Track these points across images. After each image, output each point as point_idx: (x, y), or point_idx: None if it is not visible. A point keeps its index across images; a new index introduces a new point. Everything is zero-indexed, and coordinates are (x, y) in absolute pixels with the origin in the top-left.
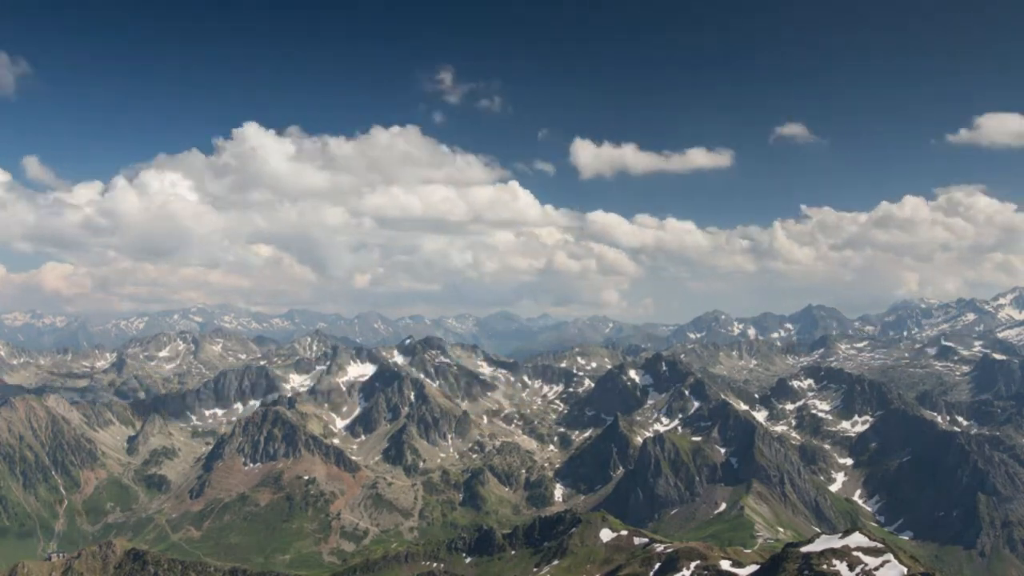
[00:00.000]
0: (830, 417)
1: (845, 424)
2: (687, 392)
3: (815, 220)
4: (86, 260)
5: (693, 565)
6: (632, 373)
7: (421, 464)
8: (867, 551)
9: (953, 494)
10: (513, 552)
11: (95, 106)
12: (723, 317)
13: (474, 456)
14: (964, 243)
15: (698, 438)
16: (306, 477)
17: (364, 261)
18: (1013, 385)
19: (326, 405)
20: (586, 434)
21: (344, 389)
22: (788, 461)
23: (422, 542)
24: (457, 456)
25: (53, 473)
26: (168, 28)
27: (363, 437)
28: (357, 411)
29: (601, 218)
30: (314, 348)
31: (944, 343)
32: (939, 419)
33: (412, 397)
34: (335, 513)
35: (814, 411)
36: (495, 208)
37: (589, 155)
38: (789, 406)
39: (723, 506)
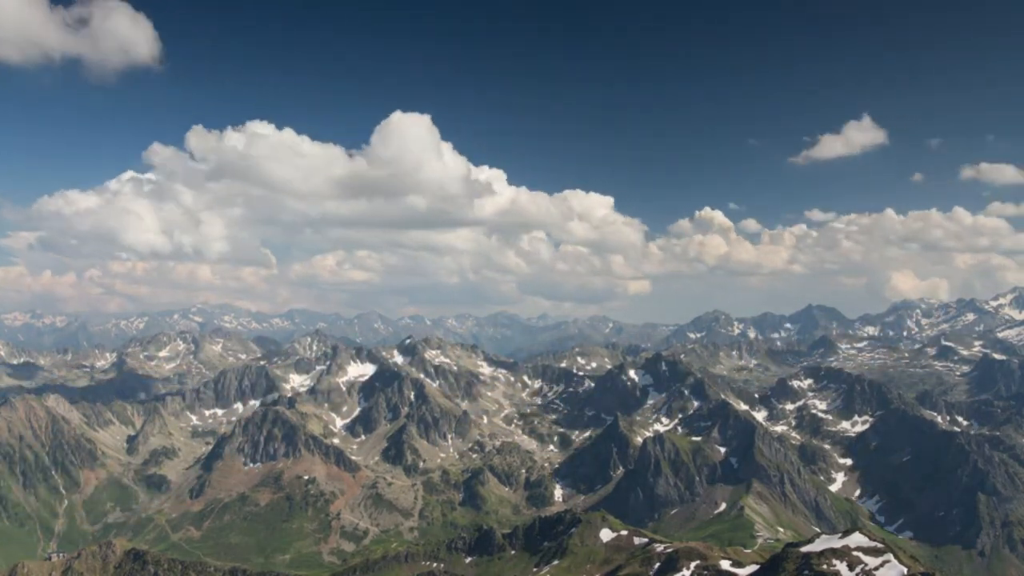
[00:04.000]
0: (830, 417)
1: (845, 424)
2: (687, 392)
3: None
4: None
5: (693, 565)
6: (632, 373)
7: (421, 464)
8: (867, 551)
9: (953, 494)
10: (513, 552)
11: None
12: (723, 317)
13: (474, 456)
14: None
15: (698, 438)
16: (306, 477)
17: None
18: (1013, 385)
19: (326, 405)
20: (586, 434)
21: (344, 389)
22: (788, 461)
23: (422, 542)
24: (457, 456)
25: (53, 473)
26: None
27: (363, 437)
28: (357, 411)
29: None
30: (314, 348)
31: (944, 343)
32: (939, 419)
33: (412, 397)
34: (335, 513)
35: (814, 411)
36: None
37: None
38: (789, 406)
39: (723, 506)
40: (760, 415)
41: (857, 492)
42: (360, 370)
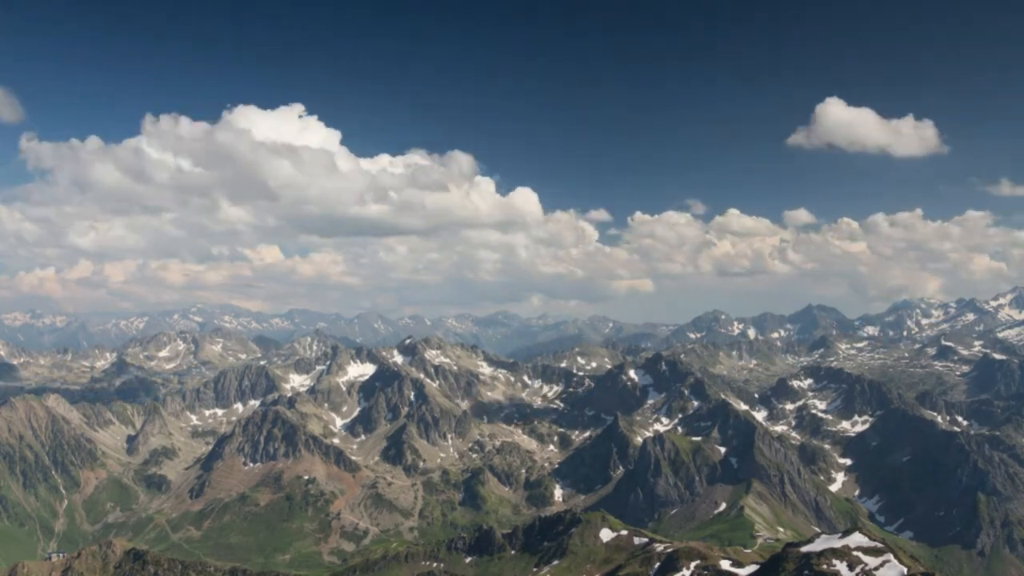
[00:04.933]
0: (830, 417)
1: (845, 424)
2: (687, 392)
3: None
4: None
5: (693, 565)
6: (632, 373)
7: (421, 464)
8: (867, 551)
9: (953, 494)
10: (513, 552)
11: None
12: (723, 317)
13: (474, 456)
14: None
15: (698, 438)
16: (306, 477)
17: None
18: (1013, 385)
19: (326, 405)
20: (586, 434)
21: (344, 389)
22: (788, 461)
23: (422, 542)
24: (457, 456)
25: (53, 473)
26: None
27: (363, 437)
28: (357, 411)
29: None
30: (314, 348)
31: (944, 343)
32: (939, 419)
33: (412, 397)
34: (335, 513)
35: (814, 411)
36: None
37: None
38: (789, 406)
39: (723, 506)
40: (760, 415)
41: (857, 492)
42: (360, 370)
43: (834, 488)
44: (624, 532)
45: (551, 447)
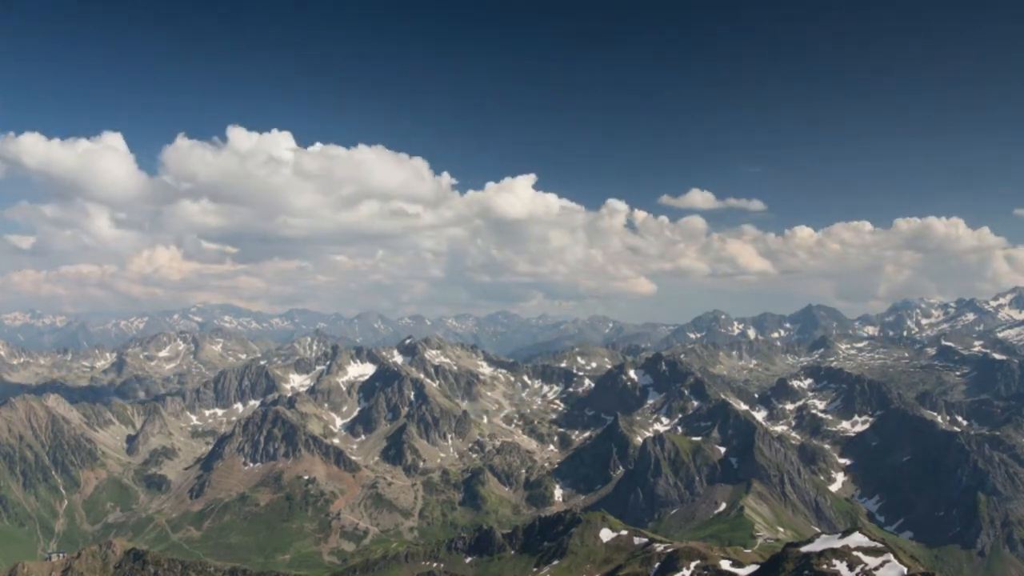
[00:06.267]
0: (830, 417)
1: (845, 424)
2: (687, 392)
3: None
4: None
5: (693, 565)
6: (632, 373)
7: (421, 464)
8: (867, 551)
9: (953, 494)
10: (513, 552)
11: None
12: (723, 317)
13: (474, 456)
14: None
15: (698, 438)
16: (306, 477)
17: None
18: (1013, 385)
19: (326, 405)
20: (586, 434)
21: (344, 389)
22: (788, 461)
23: (422, 542)
24: (457, 456)
25: (53, 473)
26: None
27: (363, 437)
28: (357, 411)
29: None
30: (314, 348)
31: (944, 343)
32: (939, 419)
33: (412, 397)
34: (335, 513)
35: (814, 411)
36: None
37: None
38: (789, 406)
39: (723, 506)
40: (760, 415)
41: (857, 492)
42: (360, 370)
43: (834, 488)
44: (624, 532)
45: (551, 447)
